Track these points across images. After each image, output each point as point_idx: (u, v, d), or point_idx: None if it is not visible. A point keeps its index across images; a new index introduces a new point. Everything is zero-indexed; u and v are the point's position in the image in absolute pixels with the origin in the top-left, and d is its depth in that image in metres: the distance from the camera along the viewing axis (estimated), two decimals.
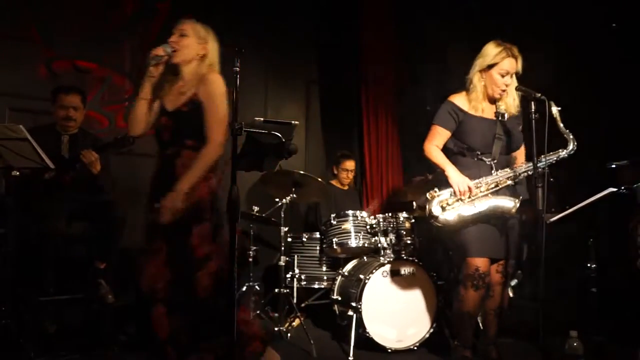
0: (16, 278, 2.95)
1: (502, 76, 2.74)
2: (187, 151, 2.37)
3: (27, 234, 3.05)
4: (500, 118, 2.80)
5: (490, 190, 2.75)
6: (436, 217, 2.72)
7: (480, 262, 2.73)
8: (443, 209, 2.72)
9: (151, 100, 2.44)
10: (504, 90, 2.78)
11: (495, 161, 2.79)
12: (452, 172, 2.74)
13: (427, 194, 2.76)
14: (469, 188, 2.69)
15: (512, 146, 2.88)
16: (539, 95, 2.52)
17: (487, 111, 2.84)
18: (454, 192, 2.72)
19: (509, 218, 2.77)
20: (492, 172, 2.77)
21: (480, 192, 2.72)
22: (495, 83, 2.76)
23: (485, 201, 2.71)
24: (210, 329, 2.32)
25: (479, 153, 2.81)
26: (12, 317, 2.79)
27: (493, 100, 2.85)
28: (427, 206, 2.73)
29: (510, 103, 2.82)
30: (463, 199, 2.71)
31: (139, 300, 2.39)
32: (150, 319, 2.36)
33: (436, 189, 2.76)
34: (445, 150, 2.88)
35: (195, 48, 2.45)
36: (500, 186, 2.76)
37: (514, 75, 2.79)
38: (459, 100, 2.85)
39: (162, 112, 2.46)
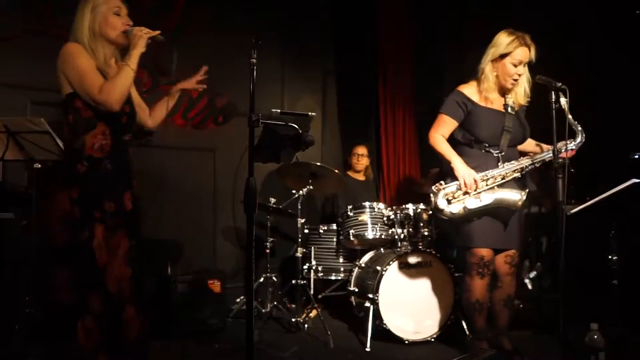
0: (39, 268, 3.02)
1: (515, 66, 2.70)
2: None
3: None
4: (508, 110, 2.77)
5: (497, 183, 2.72)
6: (441, 210, 2.71)
7: (484, 252, 2.74)
8: (449, 202, 2.70)
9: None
10: (515, 80, 2.74)
11: (502, 154, 2.76)
12: (458, 164, 2.71)
13: (433, 187, 2.74)
14: (475, 181, 2.66)
15: (520, 138, 2.84)
16: (560, 84, 2.48)
17: (497, 103, 2.81)
18: (460, 185, 2.69)
19: (511, 210, 2.74)
20: (499, 164, 2.74)
21: (487, 185, 2.70)
22: (507, 73, 2.72)
23: (491, 194, 2.69)
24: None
25: (487, 145, 2.78)
26: (35, 306, 2.86)
27: (503, 92, 2.82)
28: (433, 199, 2.72)
29: (521, 93, 2.79)
30: (469, 191, 2.68)
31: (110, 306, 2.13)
32: (121, 323, 2.16)
33: (442, 182, 2.74)
34: (452, 140, 2.85)
35: None
36: (507, 179, 2.73)
37: (526, 65, 2.74)
38: (469, 90, 2.82)
39: None
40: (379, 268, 3.31)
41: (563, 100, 2.50)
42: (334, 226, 3.92)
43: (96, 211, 2.13)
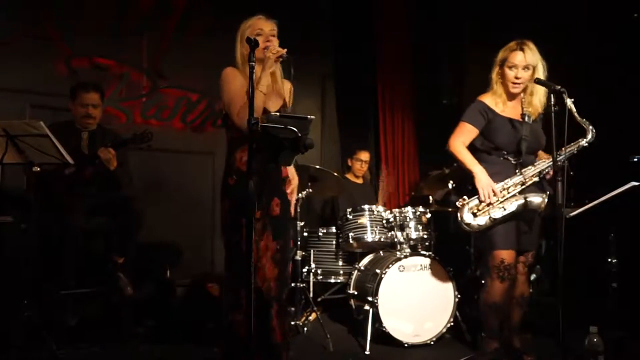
0: (38, 272, 3.01)
1: (511, 69, 2.73)
2: None
3: (48, 229, 3.10)
4: (526, 120, 2.79)
5: (518, 190, 2.73)
6: (469, 224, 2.71)
7: (505, 254, 2.73)
8: (474, 215, 2.72)
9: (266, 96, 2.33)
10: (516, 84, 2.75)
11: (520, 161, 2.78)
12: (480, 174, 2.72)
13: (457, 202, 2.76)
14: (494, 192, 2.68)
15: (535, 147, 2.86)
16: (559, 87, 2.48)
17: (513, 111, 2.83)
18: (481, 196, 2.70)
19: (535, 212, 2.75)
20: (517, 171, 2.76)
21: (509, 192, 2.72)
22: (508, 78, 2.75)
23: (515, 201, 2.70)
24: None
25: (505, 152, 2.80)
26: (34, 310, 2.85)
27: (516, 99, 2.83)
28: (459, 214, 2.73)
29: (536, 103, 2.80)
30: (493, 203, 2.69)
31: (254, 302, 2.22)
32: (268, 321, 2.35)
33: (465, 197, 2.75)
34: (471, 147, 2.86)
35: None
36: (526, 184, 2.75)
37: (528, 70, 2.73)
38: (489, 100, 2.85)
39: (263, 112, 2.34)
40: (378, 271, 3.30)
41: (569, 102, 2.50)
42: (334, 229, 3.92)
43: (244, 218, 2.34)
